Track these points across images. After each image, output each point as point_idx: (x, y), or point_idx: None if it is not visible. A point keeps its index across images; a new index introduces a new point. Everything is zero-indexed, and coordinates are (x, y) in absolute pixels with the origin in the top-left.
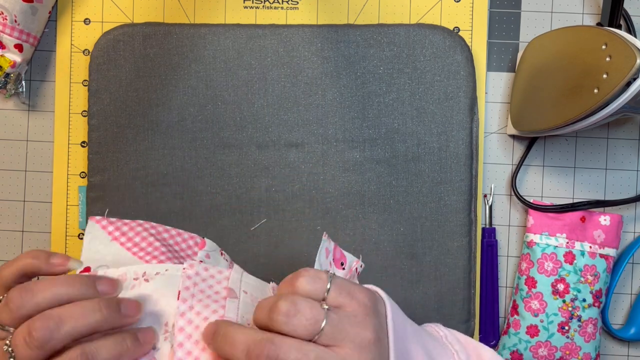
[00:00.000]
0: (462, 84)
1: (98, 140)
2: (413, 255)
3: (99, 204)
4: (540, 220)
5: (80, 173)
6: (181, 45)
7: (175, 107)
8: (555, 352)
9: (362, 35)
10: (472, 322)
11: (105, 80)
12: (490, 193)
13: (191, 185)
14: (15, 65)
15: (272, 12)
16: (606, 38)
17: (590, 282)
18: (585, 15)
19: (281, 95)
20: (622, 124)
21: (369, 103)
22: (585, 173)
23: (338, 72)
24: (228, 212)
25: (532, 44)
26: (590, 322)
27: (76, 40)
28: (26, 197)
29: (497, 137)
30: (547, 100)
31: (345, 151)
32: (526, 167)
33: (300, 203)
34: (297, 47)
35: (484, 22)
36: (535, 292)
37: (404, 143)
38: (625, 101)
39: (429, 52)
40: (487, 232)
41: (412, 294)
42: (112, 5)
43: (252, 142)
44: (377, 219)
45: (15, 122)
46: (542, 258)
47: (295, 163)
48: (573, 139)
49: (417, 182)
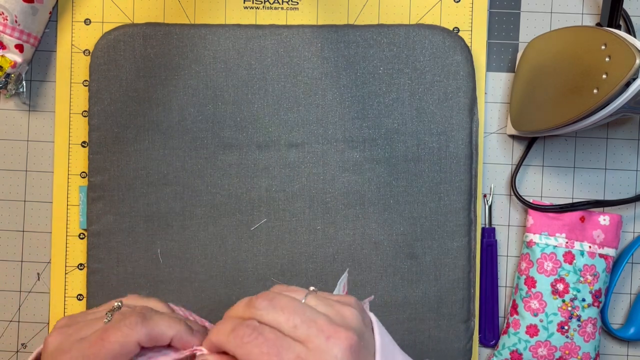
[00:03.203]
0: (461, 84)
1: (98, 140)
2: (413, 255)
3: (100, 204)
4: (539, 220)
5: (80, 173)
6: (181, 46)
7: (176, 107)
8: (554, 351)
9: (362, 36)
10: (471, 321)
11: (105, 81)
12: (490, 193)
13: (191, 185)
14: (15, 65)
15: (272, 12)
16: (606, 38)
17: (590, 282)
18: (584, 16)
19: (281, 95)
20: (622, 124)
21: (369, 103)
22: (584, 173)
23: (338, 72)
24: (228, 212)
25: (531, 44)
26: (590, 321)
27: (77, 40)
28: (27, 197)
29: (497, 137)
30: (547, 100)
31: (345, 151)
32: (526, 167)
33: (300, 203)
34: (297, 47)
35: (483, 23)
36: (535, 292)
37: (404, 143)
38: (624, 101)
39: (429, 53)
40: (486, 232)
41: (412, 294)
42: (112, 5)
43: (252, 142)
44: (376, 219)
45: (16, 122)
46: (542, 258)
47: (295, 163)
48: (573, 139)
49: (417, 182)
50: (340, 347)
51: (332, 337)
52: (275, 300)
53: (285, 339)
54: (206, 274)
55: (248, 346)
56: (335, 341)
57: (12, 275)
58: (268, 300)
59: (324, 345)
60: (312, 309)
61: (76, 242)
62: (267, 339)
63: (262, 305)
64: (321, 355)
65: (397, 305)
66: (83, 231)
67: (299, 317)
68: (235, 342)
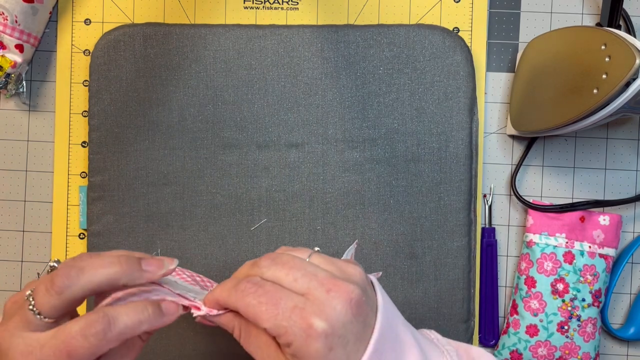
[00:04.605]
0: (461, 84)
1: (98, 140)
2: (413, 255)
3: (100, 204)
4: (539, 220)
5: (80, 173)
6: (181, 46)
7: (176, 107)
8: (554, 351)
9: (362, 36)
10: (471, 321)
11: (105, 81)
12: (489, 193)
13: (191, 185)
14: (16, 65)
15: (272, 12)
16: (605, 38)
17: (590, 281)
18: (584, 16)
19: (281, 95)
20: (622, 124)
21: (369, 103)
22: (584, 173)
23: (338, 73)
24: (228, 212)
25: (531, 44)
26: (590, 321)
27: (77, 40)
28: (27, 197)
29: (497, 137)
30: (547, 100)
31: (345, 151)
32: (526, 167)
33: (300, 203)
34: (297, 47)
35: (483, 23)
36: (535, 292)
37: (404, 143)
38: (624, 101)
39: (429, 53)
40: (486, 231)
41: (412, 294)
42: (112, 5)
43: (252, 142)
44: (377, 219)
45: (16, 122)
46: (542, 258)
47: (295, 163)
48: (572, 139)
49: (417, 182)
50: (340, 300)
51: (333, 290)
52: (278, 259)
53: (285, 291)
54: (206, 274)
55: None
56: (335, 294)
57: (12, 275)
58: (271, 259)
59: (323, 297)
60: (314, 265)
61: (76, 242)
62: (266, 290)
63: (265, 263)
64: (320, 306)
65: (397, 305)
66: (83, 231)
67: (300, 271)
68: (236, 295)
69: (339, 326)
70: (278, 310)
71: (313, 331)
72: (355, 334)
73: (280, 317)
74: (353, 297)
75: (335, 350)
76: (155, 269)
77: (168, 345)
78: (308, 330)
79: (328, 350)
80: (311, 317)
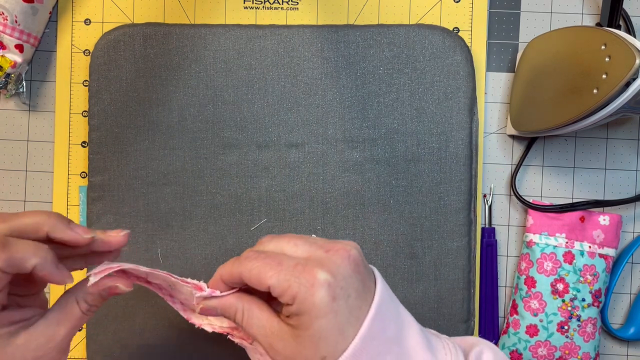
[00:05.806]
0: (461, 84)
1: (98, 140)
2: (413, 255)
3: (100, 204)
4: (539, 220)
5: (80, 173)
6: (181, 46)
7: (176, 107)
8: (554, 351)
9: (362, 36)
10: (471, 321)
11: (105, 81)
12: (489, 193)
13: (191, 185)
14: (15, 65)
15: (272, 12)
16: (605, 38)
17: (590, 281)
18: (584, 16)
19: (281, 95)
20: (622, 124)
21: (369, 103)
22: (584, 173)
23: (338, 73)
24: (228, 212)
25: (531, 44)
26: (590, 321)
27: (77, 40)
28: (27, 197)
29: (497, 137)
30: (547, 100)
31: (345, 151)
32: (526, 167)
33: (300, 203)
34: (297, 47)
35: (483, 23)
36: (535, 292)
37: (404, 143)
38: (624, 101)
39: (429, 53)
40: (486, 232)
41: (412, 294)
42: (112, 5)
43: (252, 143)
44: (377, 219)
45: (16, 122)
46: (542, 258)
47: (295, 163)
48: (572, 139)
49: (417, 182)
50: (339, 256)
51: (332, 250)
52: (278, 235)
53: (287, 255)
54: (206, 274)
55: (251, 262)
56: (334, 253)
57: None
58: (272, 236)
59: (323, 255)
60: (315, 238)
61: None
62: (269, 254)
63: (266, 239)
64: (321, 261)
65: None
66: None
67: (300, 239)
68: (239, 263)
69: (340, 278)
70: (282, 266)
71: (316, 281)
72: (356, 290)
73: (284, 272)
74: (351, 254)
75: (338, 301)
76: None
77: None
78: (312, 280)
79: (332, 299)
80: (314, 269)
